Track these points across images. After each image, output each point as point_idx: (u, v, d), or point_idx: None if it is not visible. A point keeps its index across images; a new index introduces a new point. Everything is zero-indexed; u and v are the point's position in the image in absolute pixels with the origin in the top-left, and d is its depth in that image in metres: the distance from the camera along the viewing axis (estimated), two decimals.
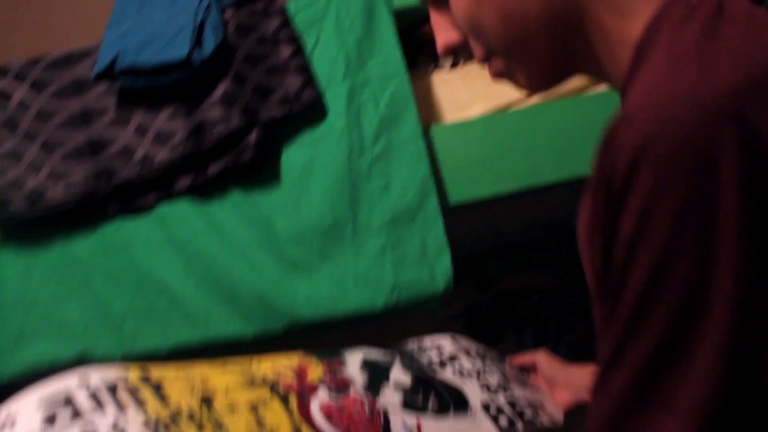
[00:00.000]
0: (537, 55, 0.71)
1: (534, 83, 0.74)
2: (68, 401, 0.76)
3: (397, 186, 1.32)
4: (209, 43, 1.38)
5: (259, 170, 1.36)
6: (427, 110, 1.42)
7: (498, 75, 0.75)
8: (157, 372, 0.87)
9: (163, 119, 1.38)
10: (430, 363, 1.11)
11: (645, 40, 0.62)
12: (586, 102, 1.36)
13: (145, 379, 0.85)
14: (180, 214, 1.36)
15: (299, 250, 1.31)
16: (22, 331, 1.36)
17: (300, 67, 1.40)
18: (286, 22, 1.45)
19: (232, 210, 1.34)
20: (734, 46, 0.53)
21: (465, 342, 1.21)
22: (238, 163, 1.33)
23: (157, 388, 0.83)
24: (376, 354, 1.07)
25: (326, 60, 1.42)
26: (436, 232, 1.29)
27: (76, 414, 0.75)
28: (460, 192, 1.34)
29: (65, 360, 1.33)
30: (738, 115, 0.47)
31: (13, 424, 0.73)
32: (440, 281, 1.27)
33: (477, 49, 0.74)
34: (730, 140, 0.47)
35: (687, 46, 0.54)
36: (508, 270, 2.29)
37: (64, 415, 0.74)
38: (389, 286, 1.27)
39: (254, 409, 0.87)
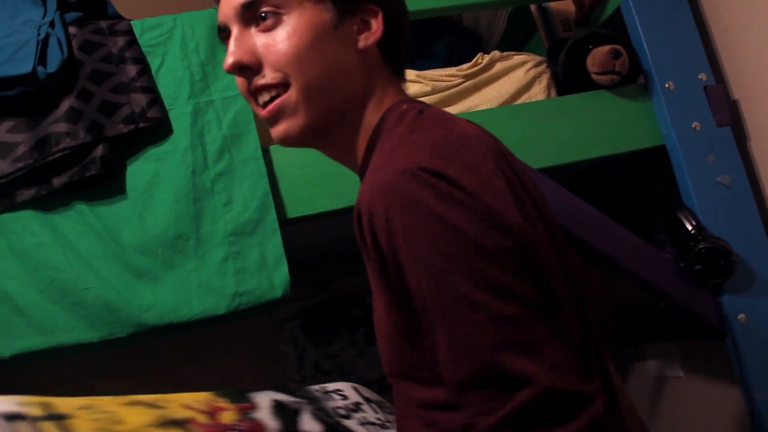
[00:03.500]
0: (329, 106, 0.87)
1: (300, 130, 0.87)
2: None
3: (238, 201, 1.43)
4: (54, 59, 1.42)
5: (104, 184, 1.42)
6: (267, 131, 1.53)
7: (280, 106, 0.86)
8: (65, 408, 0.84)
9: (4, 131, 1.41)
10: (336, 409, 1.14)
11: (374, 134, 0.87)
12: None
13: (51, 417, 0.80)
14: (23, 225, 1.40)
15: (144, 259, 1.39)
16: None
17: (146, 86, 1.46)
18: (132, 42, 1.50)
19: (77, 221, 1.40)
20: (428, 134, 0.78)
21: (365, 391, 1.28)
22: (83, 176, 1.39)
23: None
24: (284, 397, 1.09)
25: (171, 80, 1.49)
26: (274, 244, 1.42)
27: None
28: (296, 207, 1.47)
29: None
30: (420, 172, 0.71)
31: None
32: (278, 288, 1.40)
33: (270, 76, 0.85)
34: (420, 185, 0.71)
35: (398, 139, 0.79)
36: (343, 273, 2.45)
37: None
38: (231, 293, 1.38)
39: None
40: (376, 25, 0.88)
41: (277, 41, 0.84)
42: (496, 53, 1.71)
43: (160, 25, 1.53)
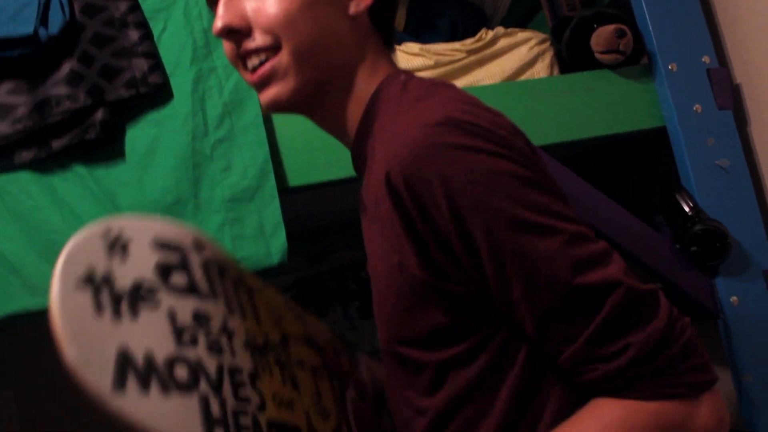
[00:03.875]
0: (319, 70, 0.86)
1: (290, 95, 0.86)
2: (184, 260, 0.70)
3: (237, 168, 1.43)
4: (56, 21, 1.41)
5: (104, 148, 1.42)
6: None
7: (271, 70, 0.85)
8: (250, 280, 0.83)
9: (4, 93, 1.40)
10: None
11: (371, 103, 0.87)
12: None
13: (240, 283, 0.79)
14: (21, 186, 1.40)
15: None
16: None
17: (148, 51, 1.46)
18: (136, 6, 1.49)
19: (75, 184, 1.40)
20: (442, 97, 0.79)
21: None
22: (83, 139, 1.39)
23: (253, 306, 0.78)
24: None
25: (174, 46, 1.48)
26: (272, 211, 1.42)
27: (192, 284, 0.69)
28: (297, 176, 1.47)
29: None
30: (455, 121, 0.73)
31: (124, 248, 0.66)
32: (275, 256, 1.41)
33: (261, 39, 0.84)
34: (461, 133, 0.72)
35: (408, 104, 0.79)
36: (338, 245, 2.45)
37: (178, 276, 0.68)
38: None
39: (313, 373, 0.84)
40: None
41: (268, 4, 0.83)
42: (500, 29, 1.71)
43: None
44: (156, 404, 0.56)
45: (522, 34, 1.70)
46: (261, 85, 0.87)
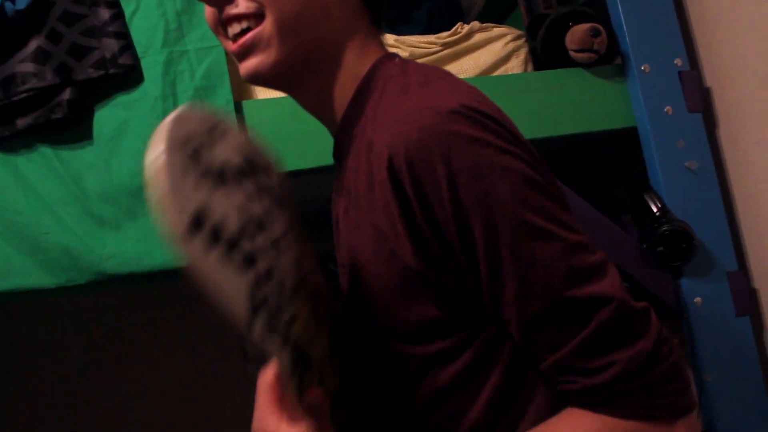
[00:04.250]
0: (304, 42, 0.82)
1: (272, 66, 0.82)
2: (268, 167, 0.76)
3: None
4: None
5: (70, 129, 1.39)
6: (240, 85, 1.52)
7: (253, 39, 0.81)
8: None
9: None
10: None
11: (364, 84, 0.84)
12: None
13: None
14: None
15: (107, 207, 1.37)
16: None
17: (118, 31, 1.43)
18: None
19: (40, 164, 1.37)
20: (447, 83, 0.78)
21: None
22: (49, 118, 1.36)
23: (303, 240, 0.81)
24: None
25: (145, 27, 1.46)
26: None
27: (271, 187, 0.73)
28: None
29: None
30: (467, 111, 0.71)
31: (223, 134, 0.67)
32: None
33: (244, 5, 0.80)
34: (473, 124, 0.70)
35: (412, 87, 0.77)
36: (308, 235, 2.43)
37: (262, 175, 0.72)
38: None
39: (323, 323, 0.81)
40: None
41: None
42: (475, 24, 1.70)
43: None
44: (214, 265, 0.60)
45: (497, 30, 1.70)
46: (242, 54, 0.83)
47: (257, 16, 0.81)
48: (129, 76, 1.43)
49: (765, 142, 1.56)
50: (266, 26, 0.80)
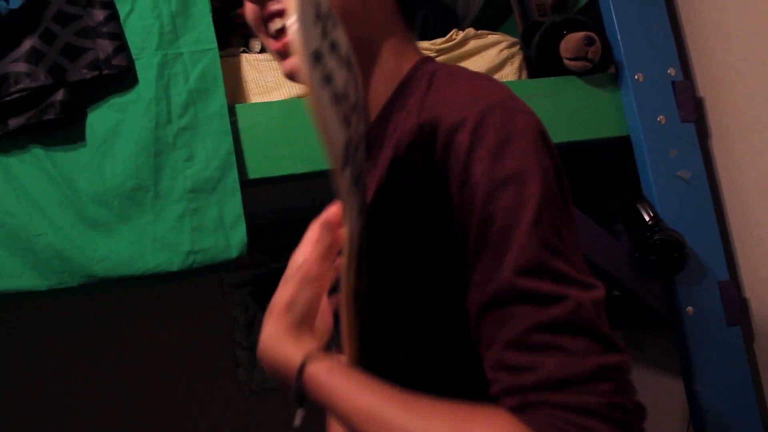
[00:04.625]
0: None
1: None
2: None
3: (200, 158, 1.40)
4: None
5: (63, 130, 1.39)
6: (234, 89, 1.52)
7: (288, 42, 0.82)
8: None
9: None
10: None
11: (408, 79, 0.85)
12: None
13: None
14: None
15: (100, 209, 1.36)
16: None
17: (113, 32, 1.42)
18: None
19: (32, 165, 1.36)
20: (497, 87, 0.78)
21: None
22: (41, 119, 1.35)
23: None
24: None
25: (140, 29, 1.45)
26: (233, 204, 1.40)
27: (357, 82, 0.74)
28: (259, 169, 1.45)
29: None
30: (520, 110, 0.73)
31: (334, 24, 0.68)
32: (234, 249, 1.39)
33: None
34: (522, 119, 0.72)
35: (463, 78, 0.78)
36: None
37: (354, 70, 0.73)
38: (186, 250, 1.36)
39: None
40: None
41: None
42: (470, 31, 1.71)
43: None
44: (327, 101, 0.63)
45: (492, 37, 1.71)
46: (285, 53, 0.82)
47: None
48: (123, 78, 1.43)
49: (757, 152, 1.57)
50: None
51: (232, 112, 1.46)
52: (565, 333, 0.62)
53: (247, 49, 1.64)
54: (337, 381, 0.67)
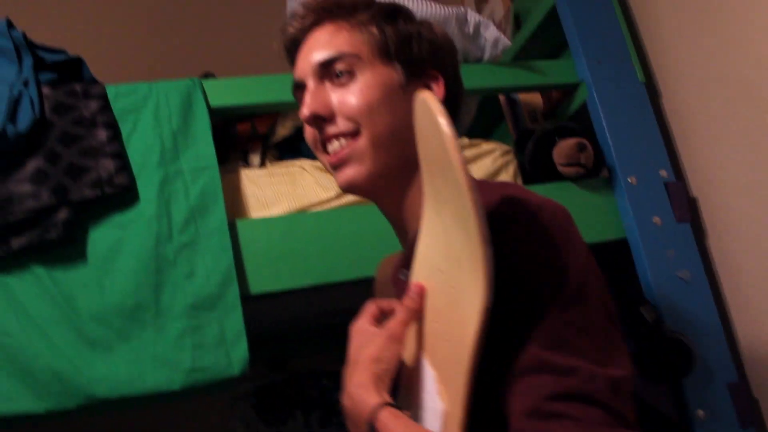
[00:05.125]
0: (393, 158, 0.95)
1: (365, 176, 0.95)
2: None
3: (201, 274, 1.41)
4: (25, 119, 1.41)
5: (64, 248, 1.39)
6: (234, 204, 1.54)
7: (350, 153, 0.94)
8: None
9: None
10: None
11: None
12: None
13: None
14: None
15: (99, 329, 1.35)
16: None
17: (115, 151, 1.45)
18: (105, 106, 1.50)
19: (32, 285, 1.36)
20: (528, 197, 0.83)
21: None
22: (43, 239, 1.36)
23: None
24: None
25: (142, 147, 1.48)
26: (234, 320, 1.39)
27: None
28: (260, 283, 1.45)
29: None
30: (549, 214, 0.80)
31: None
32: (236, 366, 1.37)
33: (343, 125, 0.94)
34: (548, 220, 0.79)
35: (498, 188, 0.85)
36: (299, 352, 2.41)
37: None
38: (187, 368, 1.34)
39: None
40: (438, 89, 0.99)
41: (351, 95, 0.94)
42: (464, 140, 1.75)
43: (135, 91, 1.53)
44: None
45: (486, 146, 1.75)
46: (338, 165, 0.96)
47: (353, 134, 0.94)
48: (124, 196, 1.44)
49: (754, 250, 1.58)
50: (361, 142, 0.94)
51: (232, 227, 1.48)
52: (578, 402, 0.68)
53: (247, 164, 1.67)
54: (404, 426, 0.74)
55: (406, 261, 0.98)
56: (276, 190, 1.54)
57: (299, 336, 2.28)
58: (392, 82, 0.96)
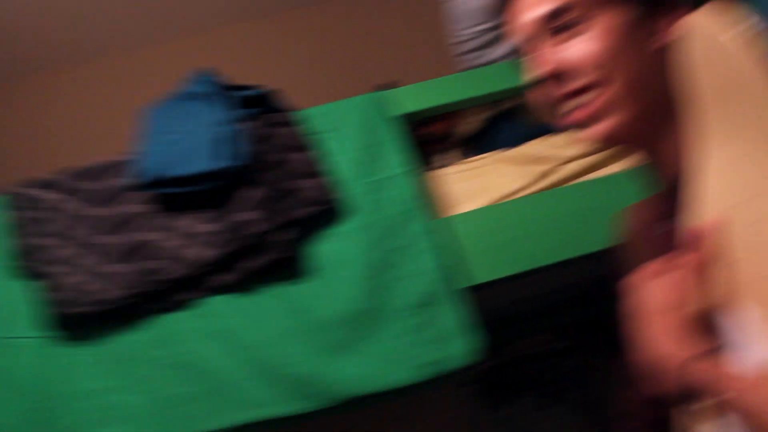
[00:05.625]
0: (646, 101, 0.87)
1: (621, 127, 0.87)
2: None
3: (417, 273, 1.49)
4: (234, 154, 1.54)
5: (290, 266, 1.52)
6: (441, 202, 1.60)
7: (599, 106, 0.86)
8: None
9: (198, 223, 1.54)
10: None
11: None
12: (580, 189, 1.59)
13: None
14: (219, 308, 1.52)
15: (335, 334, 1.46)
16: (84, 420, 1.48)
17: (319, 171, 1.57)
18: (302, 131, 1.62)
19: (271, 302, 1.50)
20: None
21: None
22: (269, 259, 1.50)
23: None
24: None
25: (343, 163, 1.59)
26: (459, 312, 1.46)
27: None
28: (480, 274, 1.51)
29: None
30: None
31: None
32: (465, 356, 1.44)
33: (585, 78, 0.86)
34: None
35: None
36: (519, 335, 2.44)
37: None
38: (418, 363, 1.43)
39: None
40: (669, 26, 0.89)
41: (591, 43, 0.86)
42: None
43: (328, 112, 1.64)
44: None
45: None
46: (588, 121, 0.88)
47: (598, 86, 0.86)
48: (334, 211, 1.55)
49: None
50: (613, 90, 0.86)
51: (442, 223, 1.54)
52: None
53: (441, 163, 1.74)
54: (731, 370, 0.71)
55: (662, 212, 0.91)
56: (477, 183, 1.60)
57: (519, 318, 2.30)
58: (629, 22, 0.87)
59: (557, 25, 0.88)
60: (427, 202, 1.54)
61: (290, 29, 3.17)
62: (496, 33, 1.79)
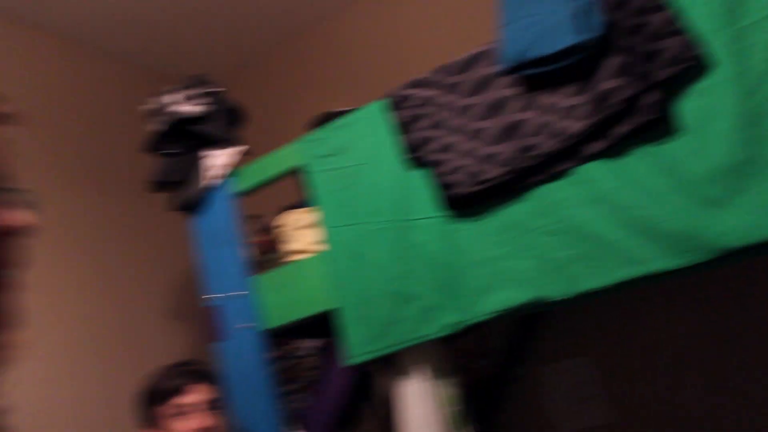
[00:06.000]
0: None
1: None
2: None
3: None
4: (594, 25, 1.59)
5: (658, 126, 1.55)
6: None
7: None
8: None
9: (565, 97, 1.64)
10: None
11: None
12: None
13: None
14: (594, 174, 1.62)
15: (711, 188, 1.48)
16: (481, 285, 1.72)
17: (678, 29, 1.55)
18: None
19: (643, 162, 1.56)
20: None
21: None
22: (638, 122, 1.54)
23: None
24: None
25: (701, 16, 1.55)
26: None
27: None
28: None
29: (523, 304, 1.66)
30: None
31: None
32: None
33: None
34: None
35: None
36: None
37: None
38: None
39: None
40: None
41: None
42: None
43: None
44: None
45: None
46: None
47: None
48: (698, 66, 1.53)
49: None
50: None
51: None
52: None
53: None
54: None
55: None
56: None
57: None
58: None
59: None
60: None
61: None
62: None
